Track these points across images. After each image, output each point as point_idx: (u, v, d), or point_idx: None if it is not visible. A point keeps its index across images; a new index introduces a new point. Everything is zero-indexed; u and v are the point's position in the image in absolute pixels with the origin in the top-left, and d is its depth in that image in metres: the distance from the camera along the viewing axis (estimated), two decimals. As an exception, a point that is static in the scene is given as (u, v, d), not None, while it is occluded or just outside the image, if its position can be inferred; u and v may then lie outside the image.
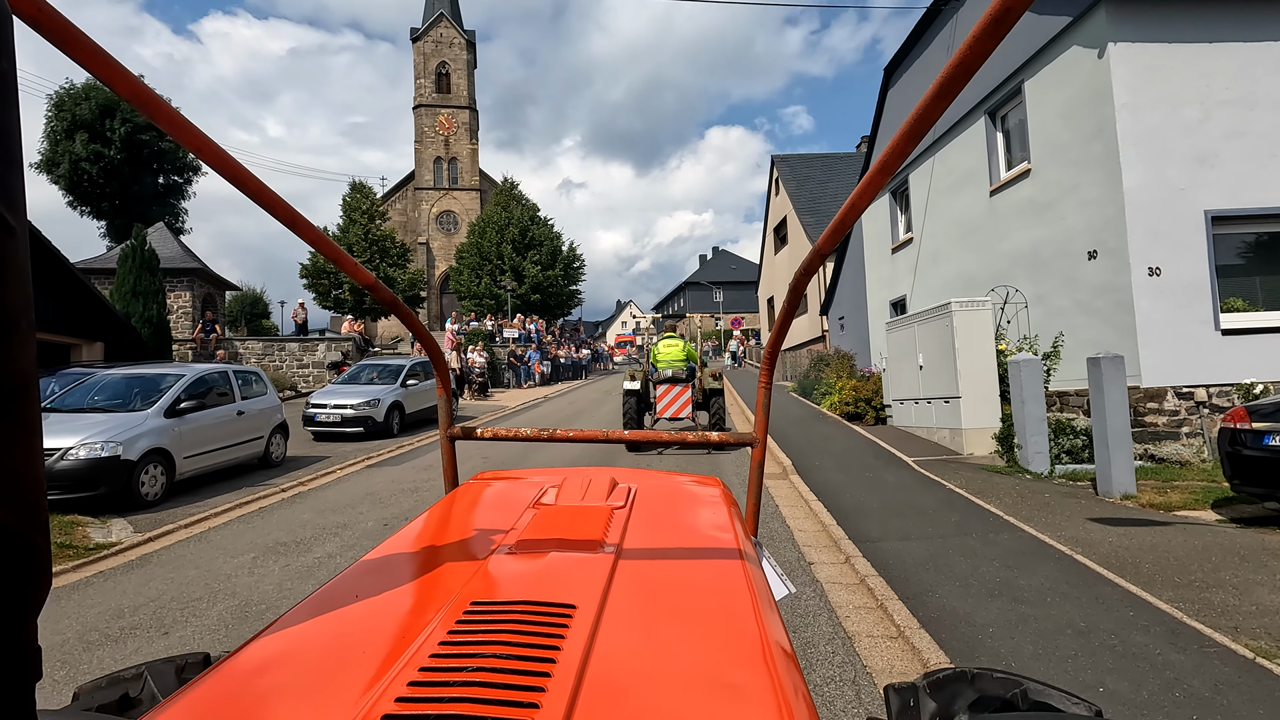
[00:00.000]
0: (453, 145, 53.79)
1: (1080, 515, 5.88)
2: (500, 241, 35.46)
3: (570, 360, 32.12)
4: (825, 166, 28.99)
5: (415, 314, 1.72)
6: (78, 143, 30.47)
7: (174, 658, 1.12)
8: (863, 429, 11.16)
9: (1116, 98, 8.64)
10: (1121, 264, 8.62)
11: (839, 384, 13.30)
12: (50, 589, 0.50)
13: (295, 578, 4.98)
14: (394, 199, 54.69)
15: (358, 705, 0.60)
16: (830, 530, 5.61)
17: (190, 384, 8.33)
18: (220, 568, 5.30)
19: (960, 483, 7.25)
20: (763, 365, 1.43)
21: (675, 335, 11.45)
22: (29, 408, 0.47)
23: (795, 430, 11.39)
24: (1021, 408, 8.07)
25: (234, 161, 0.80)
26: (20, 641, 0.46)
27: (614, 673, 0.67)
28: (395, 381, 13.69)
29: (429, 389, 14.84)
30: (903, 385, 10.67)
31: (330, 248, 1.04)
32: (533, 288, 34.93)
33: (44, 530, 0.48)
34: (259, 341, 23.34)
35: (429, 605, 0.85)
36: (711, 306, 73.33)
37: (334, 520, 6.71)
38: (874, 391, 11.60)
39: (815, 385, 15.56)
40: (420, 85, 53.94)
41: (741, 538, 1.16)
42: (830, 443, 10.07)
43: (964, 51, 0.62)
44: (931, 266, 13.79)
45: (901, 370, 10.68)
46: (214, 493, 8.10)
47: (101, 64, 0.63)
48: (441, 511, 1.37)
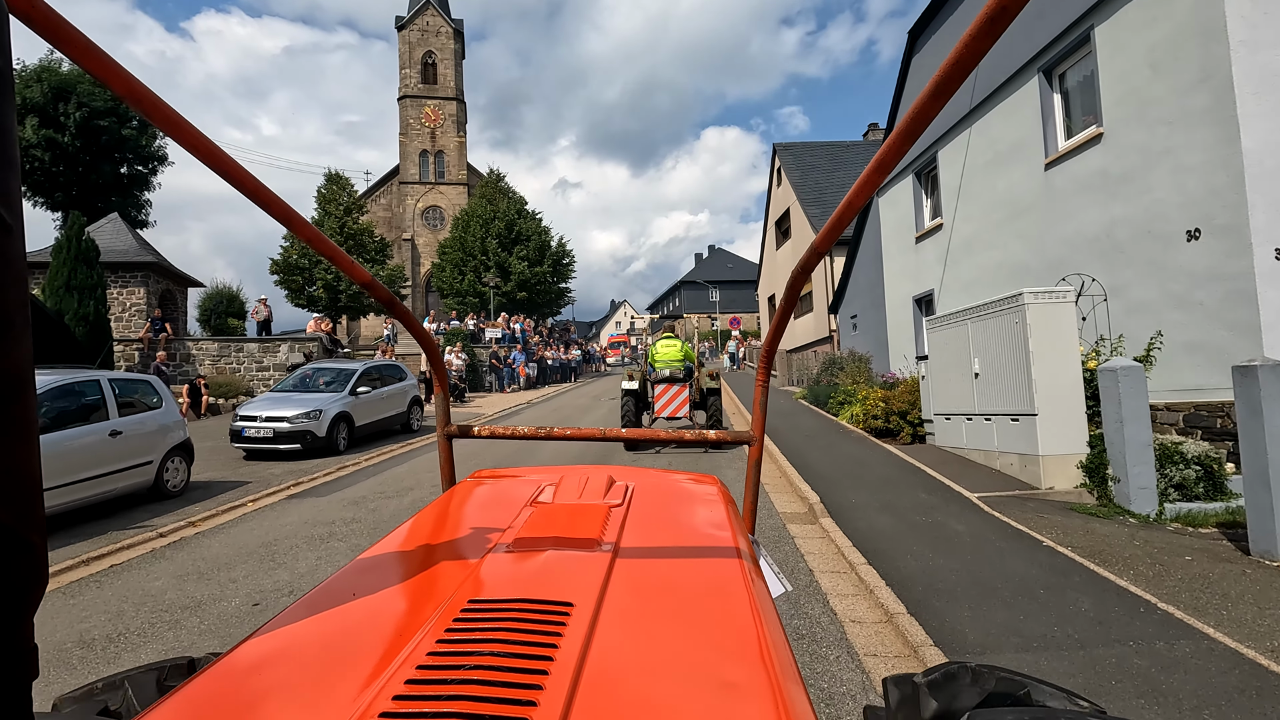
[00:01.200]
0: (439, 138, 51.77)
1: (1271, 598, 4.01)
2: (485, 236, 33.38)
3: (558, 362, 30.19)
4: (831, 155, 27.13)
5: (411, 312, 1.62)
6: (28, 128, 28.32)
7: (160, 664, 1.06)
8: (898, 449, 9.26)
9: (1231, 34, 6.80)
10: (1237, 245, 6.78)
11: (863, 392, 11.41)
12: (47, 587, 0.49)
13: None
14: (378, 194, 52.64)
15: (355, 704, 0.60)
16: (907, 632, 3.70)
17: (40, 398, 6.38)
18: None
19: (1056, 535, 5.38)
20: (760, 364, 1.43)
21: (673, 335, 11.14)
22: (25, 406, 0.47)
23: (816, 450, 9.50)
24: (1119, 429, 6.22)
25: (230, 160, 0.79)
26: (17, 639, 0.46)
27: (611, 671, 0.66)
28: (344, 389, 11.74)
29: (388, 397, 12.90)
30: (949, 397, 8.78)
31: (326, 245, 1.01)
32: (519, 285, 32.86)
33: (41, 528, 0.48)
34: (214, 342, 21.32)
35: (426, 604, 0.85)
36: (708, 306, 71.50)
37: (184, 597, 4.77)
38: (909, 403, 9.68)
39: (830, 392, 13.69)
40: (405, 76, 51.90)
41: (739, 536, 1.15)
42: (864, 469, 8.19)
43: (959, 51, 0.61)
44: (966, 255, 11.94)
45: (948, 378, 8.78)
46: (68, 538, 6.17)
47: (95, 60, 0.62)
48: (439, 510, 1.36)
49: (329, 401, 11.21)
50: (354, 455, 10.98)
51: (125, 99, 0.66)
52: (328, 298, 31.04)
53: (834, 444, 9.96)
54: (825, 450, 9.46)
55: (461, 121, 53.06)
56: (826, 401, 13.55)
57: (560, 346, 31.73)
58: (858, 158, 26.93)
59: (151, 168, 34.08)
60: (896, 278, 14.94)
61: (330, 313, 31.31)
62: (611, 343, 59.06)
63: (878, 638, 3.77)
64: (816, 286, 23.82)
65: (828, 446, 9.77)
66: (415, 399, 13.92)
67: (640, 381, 10.29)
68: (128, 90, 0.65)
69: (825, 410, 13.54)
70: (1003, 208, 10.76)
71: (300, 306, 31.69)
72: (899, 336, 14.70)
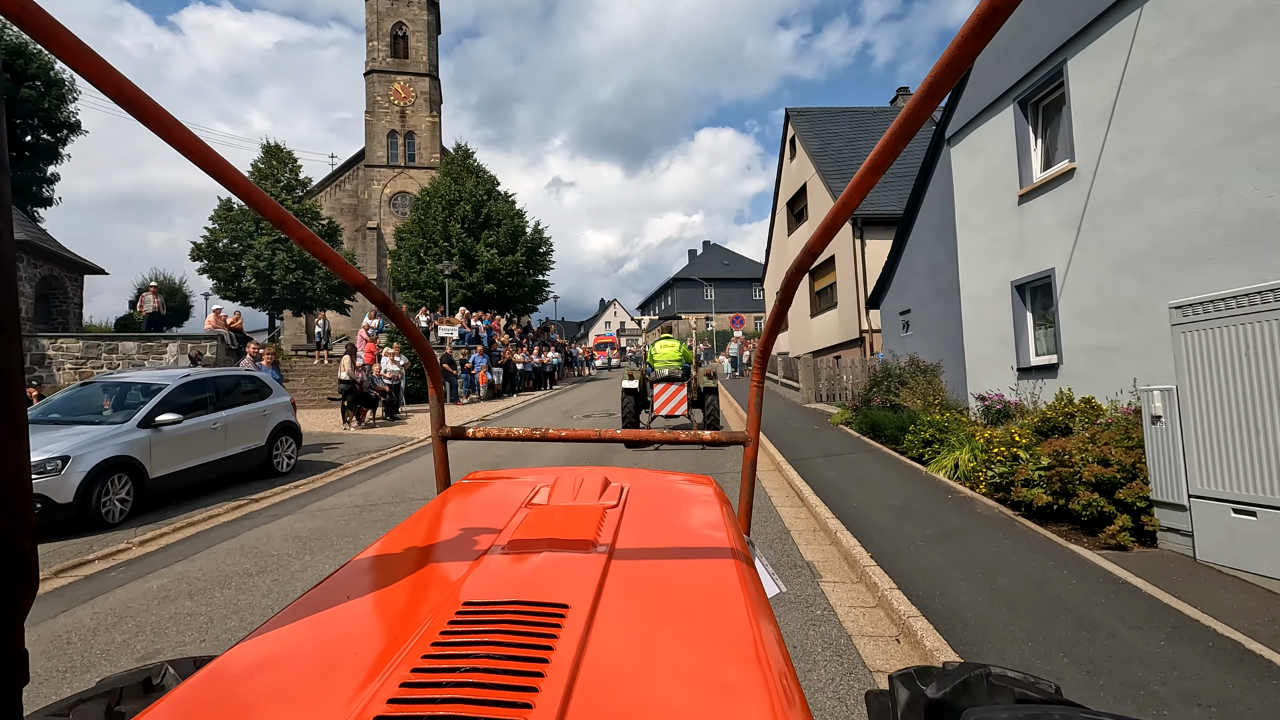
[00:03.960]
0: (410, 118, 47.16)
1: None
2: (448, 219, 28.73)
3: (530, 366, 25.70)
4: (854, 122, 22.83)
5: (405, 311, 1.59)
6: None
7: (146, 667, 1.03)
8: (1114, 565, 4.54)
9: None
10: None
11: (970, 429, 6.99)
12: (37, 593, 0.49)
13: None
14: (343, 179, 47.98)
15: (350, 706, 0.60)
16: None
17: None
18: None
19: None
20: (755, 364, 1.43)
21: (671, 336, 11.27)
22: (15, 410, 0.47)
23: (927, 550, 5.10)
24: None
25: (224, 162, 0.78)
26: (7, 645, 0.46)
27: (607, 672, 0.66)
28: (130, 420, 7.24)
29: (227, 427, 8.39)
30: (1234, 467, 4.35)
31: (320, 247, 1.00)
32: (486, 275, 28.19)
33: (31, 534, 0.48)
34: (78, 340, 16.65)
35: (421, 605, 0.85)
36: (703, 305, 67.15)
37: None
38: (1126, 470, 5.05)
39: (898, 421, 9.29)
40: (373, 49, 47.24)
41: (734, 536, 1.15)
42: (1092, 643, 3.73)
43: (952, 52, 0.62)
44: (1125, 213, 7.61)
45: (1230, 426, 4.36)
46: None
47: (86, 61, 0.62)
48: (433, 512, 1.35)
49: (92, 442, 6.71)
50: (142, 527, 6.51)
51: (117, 101, 0.65)
52: (260, 289, 26.44)
53: (952, 535, 5.52)
54: (948, 554, 5.03)
55: (435, 100, 48.48)
56: (895, 435, 9.13)
57: (535, 348, 27.23)
58: (885, 125, 22.64)
59: (61, 137, 29.22)
60: (981, 256, 10.59)
61: (262, 305, 26.75)
62: (598, 343, 54.47)
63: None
64: (843, 276, 19.44)
65: (941, 540, 5.35)
66: (285, 426, 9.40)
67: (640, 381, 10.55)
68: (119, 92, 0.64)
69: (895, 449, 9.11)
70: (1217, 125, 6.43)
71: (229, 298, 27.04)
72: (986, 339, 10.36)
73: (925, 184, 12.71)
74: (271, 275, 25.96)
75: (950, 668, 1.01)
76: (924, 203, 12.88)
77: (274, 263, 25.81)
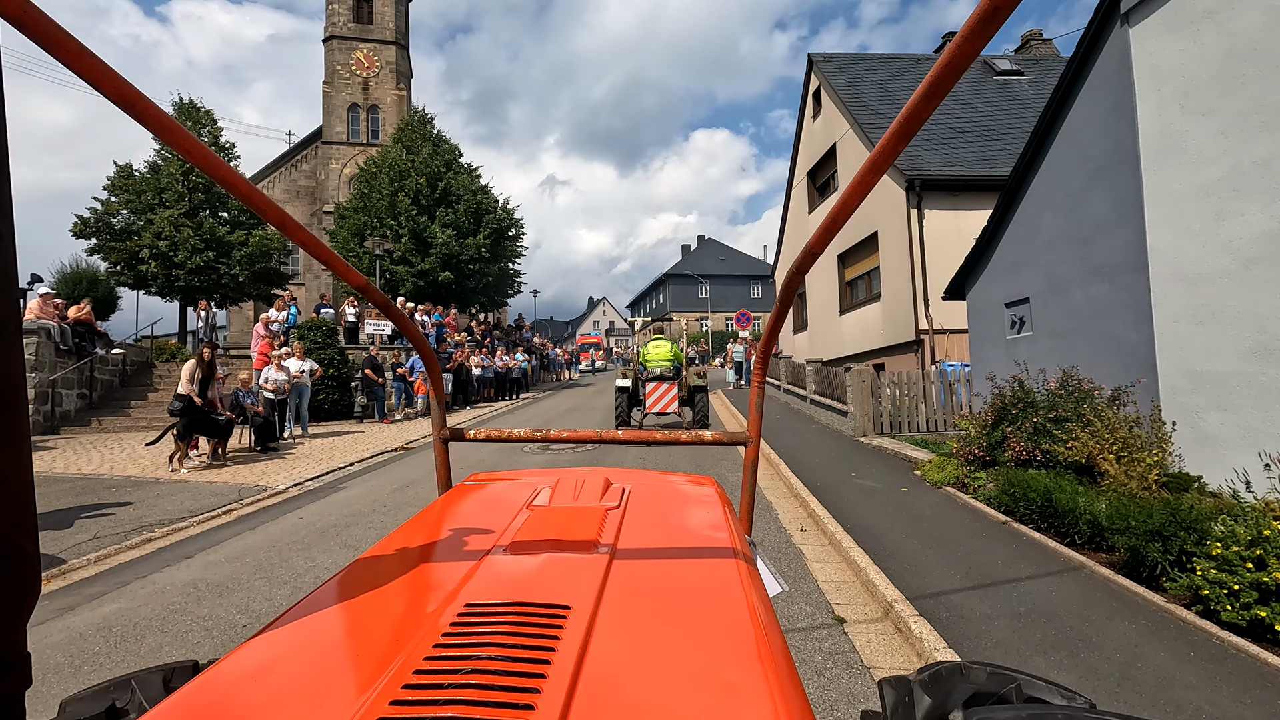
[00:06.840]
0: (374, 90, 42.28)
1: None
2: (396, 192, 23.92)
3: (492, 372, 21.06)
4: (892, 70, 18.38)
5: (403, 309, 1.46)
6: None
7: (160, 666, 1.01)
8: None
9: None
10: None
11: None
12: (40, 595, 0.47)
13: None
14: (299, 158, 43.04)
15: (351, 709, 0.60)
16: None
17: None
18: None
19: None
20: (756, 365, 1.39)
21: (663, 337, 11.68)
22: (16, 414, 0.47)
23: None
24: None
25: (223, 164, 0.77)
26: (10, 648, 0.46)
27: (609, 673, 0.66)
28: None
29: None
30: None
31: (321, 249, 1.00)
32: (441, 262, 23.40)
33: (33, 536, 0.48)
34: None
35: (423, 607, 0.84)
36: (697, 303, 62.58)
37: None
38: None
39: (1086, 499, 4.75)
40: (333, 12, 42.30)
41: (736, 536, 1.14)
42: None
43: (952, 52, 0.60)
44: None
45: None
46: None
47: (87, 65, 0.62)
48: (435, 513, 1.34)
49: None
50: None
51: (118, 104, 0.65)
52: (163, 275, 21.60)
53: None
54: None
55: (405, 72, 43.63)
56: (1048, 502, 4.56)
57: (500, 349, 22.57)
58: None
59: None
60: (1205, 200, 6.08)
61: (165, 293, 21.91)
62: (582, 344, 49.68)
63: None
64: (890, 260, 14.87)
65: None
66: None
67: (633, 380, 11.28)
68: (119, 95, 0.64)
69: (1039, 532, 4.57)
70: None
71: (125, 285, 22.16)
72: (1220, 346, 5.87)
73: (1062, 108, 8.19)
74: (174, 257, 21.10)
75: (939, 668, 0.97)
76: (1057, 137, 8.35)
77: (177, 241, 21.01)
